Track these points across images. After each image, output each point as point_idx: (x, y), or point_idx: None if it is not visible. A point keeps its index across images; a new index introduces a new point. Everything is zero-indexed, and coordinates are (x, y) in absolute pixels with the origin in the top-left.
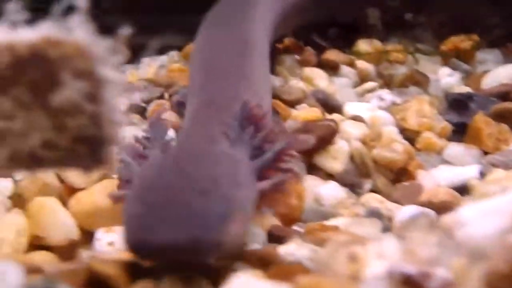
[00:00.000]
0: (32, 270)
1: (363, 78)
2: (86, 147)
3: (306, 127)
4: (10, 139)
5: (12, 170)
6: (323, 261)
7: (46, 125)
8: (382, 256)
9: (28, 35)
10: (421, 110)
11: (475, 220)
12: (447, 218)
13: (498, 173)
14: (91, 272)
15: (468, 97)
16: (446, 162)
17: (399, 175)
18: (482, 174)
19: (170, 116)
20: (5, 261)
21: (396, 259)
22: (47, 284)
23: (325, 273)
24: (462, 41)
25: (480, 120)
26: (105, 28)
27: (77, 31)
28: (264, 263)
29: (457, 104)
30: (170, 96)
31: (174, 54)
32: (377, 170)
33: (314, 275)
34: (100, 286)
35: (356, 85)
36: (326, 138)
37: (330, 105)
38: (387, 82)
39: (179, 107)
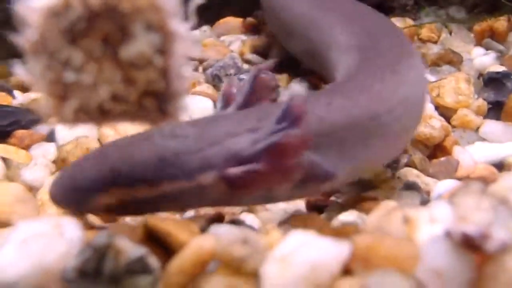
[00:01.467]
0: (87, 227)
1: None
2: (153, 100)
3: None
4: (80, 92)
5: (79, 122)
6: (375, 223)
7: (115, 78)
8: (434, 220)
9: None
10: (458, 87)
11: None
12: (499, 185)
13: None
14: (149, 229)
15: (504, 75)
16: (482, 139)
17: (435, 150)
18: None
19: (207, 88)
20: (61, 217)
21: (449, 223)
22: (109, 239)
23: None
24: (496, 22)
25: None
26: None
27: None
28: (311, 227)
29: (493, 83)
30: (204, 70)
31: (206, 28)
32: (413, 145)
33: (371, 235)
34: (159, 242)
35: None
36: None
37: None
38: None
39: (213, 80)
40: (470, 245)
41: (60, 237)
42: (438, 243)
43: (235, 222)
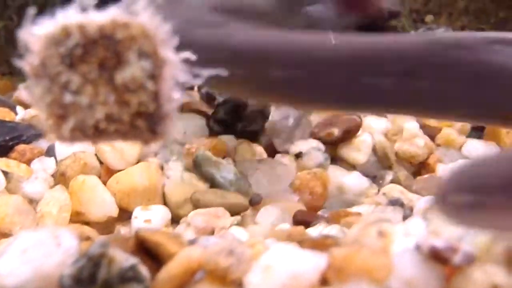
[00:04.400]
0: (82, 238)
1: None
2: (145, 121)
3: (332, 120)
4: (77, 112)
5: (76, 140)
6: (353, 237)
7: (110, 100)
8: (408, 234)
9: (98, 18)
10: None
11: None
12: None
13: None
14: (140, 240)
15: None
16: (465, 157)
17: (419, 168)
18: None
19: (201, 106)
20: (59, 227)
21: (420, 237)
22: (103, 248)
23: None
24: None
25: None
26: None
27: (142, 15)
28: (294, 239)
29: None
30: (199, 89)
31: None
32: (399, 162)
33: (347, 247)
34: (148, 253)
35: None
36: (351, 131)
37: None
38: None
39: (207, 99)
40: (438, 257)
41: (58, 247)
42: (409, 255)
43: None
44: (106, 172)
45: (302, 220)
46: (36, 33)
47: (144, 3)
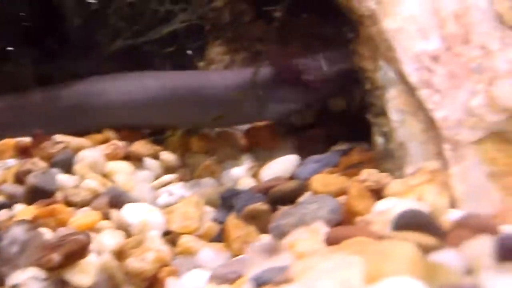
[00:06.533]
0: None
1: (167, 169)
2: None
3: (56, 243)
4: None
5: None
6: None
7: None
8: None
9: None
10: (187, 211)
11: None
12: None
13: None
14: None
15: (234, 194)
16: (198, 266)
17: (151, 284)
18: None
19: None
20: None
21: None
22: None
23: None
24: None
25: (231, 222)
26: None
27: None
28: None
29: (226, 202)
30: None
31: None
32: (130, 280)
33: None
34: None
35: (157, 178)
36: (75, 253)
37: (122, 204)
38: (191, 172)
39: None
40: None
41: None
42: None
43: None
44: None
45: None
46: None
47: None
